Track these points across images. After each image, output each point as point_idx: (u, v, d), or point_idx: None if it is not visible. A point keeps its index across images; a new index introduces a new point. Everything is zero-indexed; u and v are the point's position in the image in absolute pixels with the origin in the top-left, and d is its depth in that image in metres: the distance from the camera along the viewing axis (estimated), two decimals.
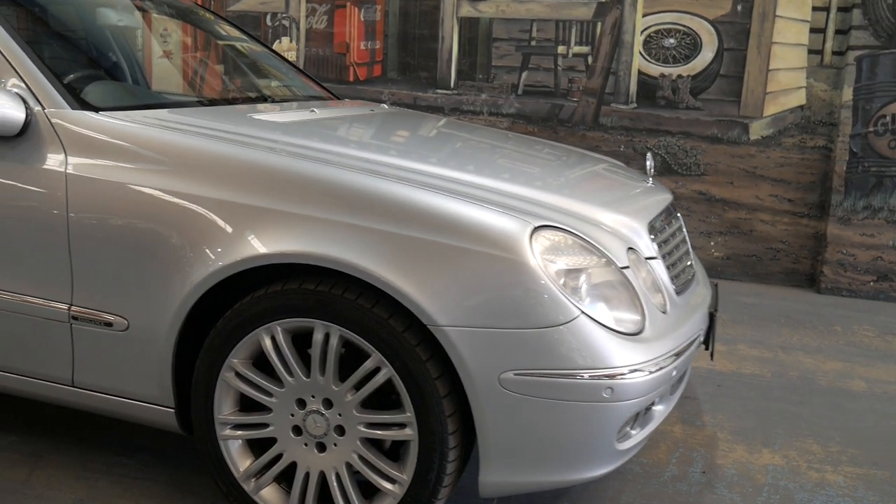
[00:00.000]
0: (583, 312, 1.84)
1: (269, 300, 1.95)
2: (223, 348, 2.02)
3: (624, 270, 2.00)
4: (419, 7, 5.32)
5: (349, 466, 1.99)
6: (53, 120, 2.17)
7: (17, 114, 2.15)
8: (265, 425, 2.04)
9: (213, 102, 2.77)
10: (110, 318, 2.12)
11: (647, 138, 5.00)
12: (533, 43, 5.13)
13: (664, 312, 2.09)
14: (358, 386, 1.94)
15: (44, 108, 2.19)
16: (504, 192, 2.06)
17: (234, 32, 3.45)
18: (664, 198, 2.55)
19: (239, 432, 2.07)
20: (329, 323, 1.91)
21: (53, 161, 2.14)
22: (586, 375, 1.82)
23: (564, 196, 2.18)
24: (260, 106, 2.78)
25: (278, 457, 2.05)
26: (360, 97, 4.81)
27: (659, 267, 2.19)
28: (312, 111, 2.66)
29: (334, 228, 1.89)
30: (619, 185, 2.61)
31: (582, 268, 1.91)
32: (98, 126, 2.16)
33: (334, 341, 1.92)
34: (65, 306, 2.16)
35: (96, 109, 2.23)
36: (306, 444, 2.01)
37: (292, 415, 2.01)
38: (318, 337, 1.93)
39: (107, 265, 2.10)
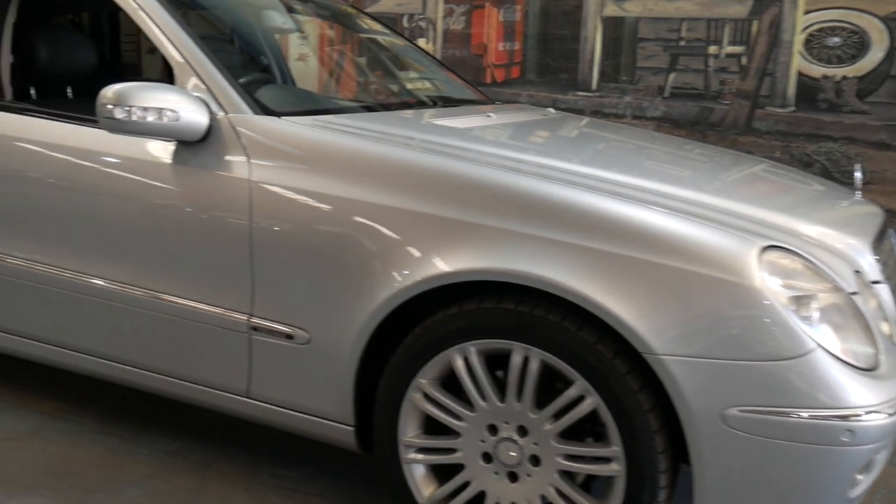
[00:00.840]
0: (818, 345, 1.64)
1: (463, 319, 1.83)
2: (410, 367, 1.91)
3: (853, 296, 1.79)
4: (561, 7, 5.14)
5: (543, 499, 1.85)
6: (236, 125, 2.12)
7: (201, 119, 2.11)
8: (453, 450, 1.92)
9: (382, 107, 2.68)
10: (291, 330, 2.05)
11: (806, 143, 4.68)
12: (682, 43, 4.88)
13: (894, 344, 1.87)
14: (558, 414, 1.79)
15: (226, 113, 2.14)
16: (716, 208, 1.88)
17: (389, 36, 3.38)
18: (877, 212, 2.31)
19: (424, 456, 1.96)
20: (529, 346, 1.77)
21: (237, 167, 2.08)
22: (823, 415, 1.62)
23: (779, 212, 1.97)
24: (433, 111, 2.67)
25: (465, 484, 1.92)
26: (498, 99, 4.68)
27: (885, 292, 1.96)
28: (489, 116, 2.54)
29: (539, 244, 1.75)
30: (828, 199, 2.38)
31: (812, 294, 1.71)
32: (282, 132, 2.09)
33: (534, 365, 1.78)
34: (244, 317, 2.10)
35: (278, 114, 2.17)
36: (496, 473, 1.89)
37: (482, 441, 1.89)
38: (516, 360, 1.80)
39: (289, 276, 2.03)
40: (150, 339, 2.30)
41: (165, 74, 4.37)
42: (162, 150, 2.18)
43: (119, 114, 2.04)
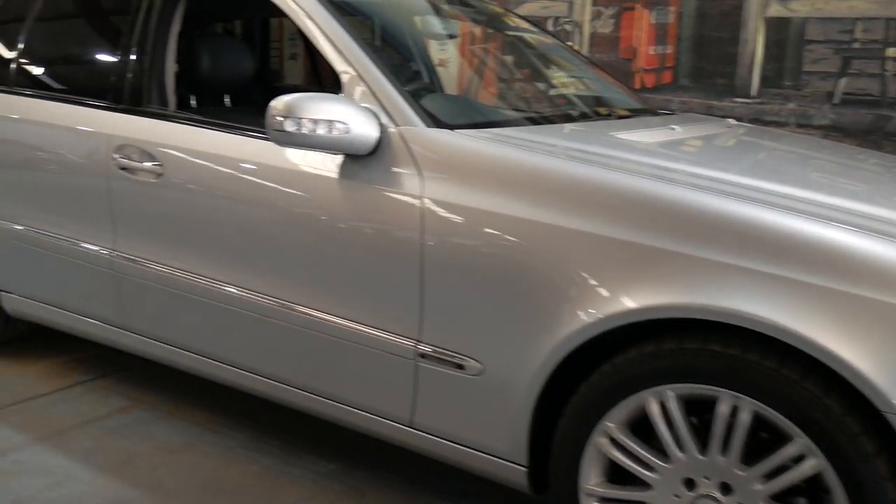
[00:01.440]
0: None
1: (661, 359, 1.64)
2: (596, 408, 1.73)
3: None
4: (719, 8, 4.83)
5: None
6: (408, 139, 2.00)
7: (371, 132, 2.00)
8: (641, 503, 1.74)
9: (551, 118, 2.51)
10: (462, 360, 1.91)
11: None
12: (855, 45, 4.49)
13: None
14: (772, 474, 1.57)
15: (397, 126, 2.03)
16: None
17: (538, 35, 3.20)
18: None
19: None
20: (740, 394, 1.56)
21: (408, 183, 1.96)
22: None
23: None
24: (609, 123, 2.48)
25: None
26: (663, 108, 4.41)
27: None
28: (672, 129, 2.33)
29: (754, 278, 1.54)
30: None
31: None
32: (457, 147, 1.95)
33: (744, 417, 1.57)
34: (411, 343, 1.98)
35: (451, 127, 2.03)
36: None
37: (677, 496, 1.69)
38: (723, 409, 1.59)
39: (462, 302, 1.89)
40: (307, 359, 2.21)
41: (310, 81, 4.35)
42: (328, 164, 2.09)
43: (289, 126, 1.95)
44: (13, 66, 3.00)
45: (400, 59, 2.70)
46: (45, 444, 2.56)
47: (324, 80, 4.23)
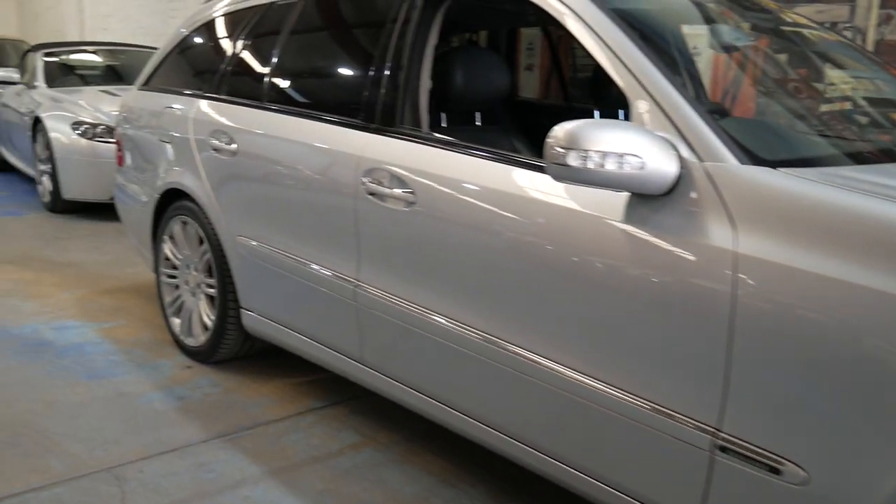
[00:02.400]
0: None
1: None
2: None
3: None
4: None
5: None
6: (716, 177, 1.62)
7: (669, 168, 1.64)
8: None
9: (882, 155, 2.02)
10: (777, 461, 1.50)
11: None
12: None
13: None
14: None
15: (701, 161, 1.65)
16: None
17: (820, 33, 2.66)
18: None
19: None
20: None
21: (716, 234, 1.58)
22: None
23: None
24: None
25: None
26: None
27: None
28: None
29: None
30: None
31: None
32: (784, 192, 1.54)
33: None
34: (708, 430, 1.60)
35: (771, 164, 1.63)
36: None
37: None
38: None
39: (782, 387, 1.48)
40: (567, 428, 1.89)
41: (545, 95, 4.02)
42: (609, 203, 1.76)
43: (573, 160, 1.64)
44: (266, 81, 2.93)
45: (689, 78, 2.31)
46: (277, 479, 2.43)
47: (571, 94, 3.91)
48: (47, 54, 7.44)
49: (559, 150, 1.65)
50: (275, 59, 2.93)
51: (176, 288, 3.45)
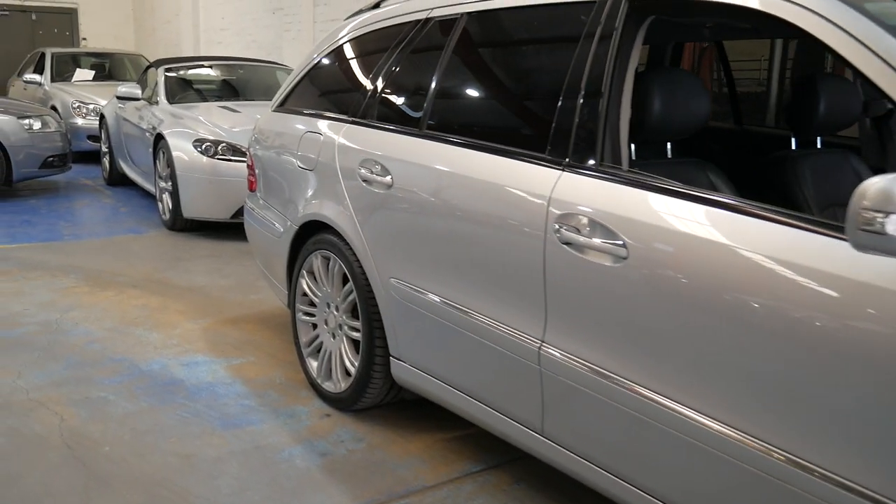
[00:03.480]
0: None
1: None
2: None
3: None
4: None
5: None
6: None
7: None
8: None
9: None
10: None
11: None
12: None
13: None
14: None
15: None
16: None
17: None
18: None
19: None
20: None
21: None
22: None
23: None
24: None
25: None
26: None
27: None
28: None
29: None
30: None
31: None
32: None
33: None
34: None
35: None
36: None
37: None
38: None
39: None
40: None
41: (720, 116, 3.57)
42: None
43: (893, 227, 1.25)
44: (425, 106, 2.63)
45: None
46: None
47: (740, 115, 3.48)
48: (168, 70, 7.42)
49: (874, 215, 1.26)
50: (435, 81, 2.62)
51: (313, 327, 3.19)
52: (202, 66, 7.89)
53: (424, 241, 2.47)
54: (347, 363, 2.95)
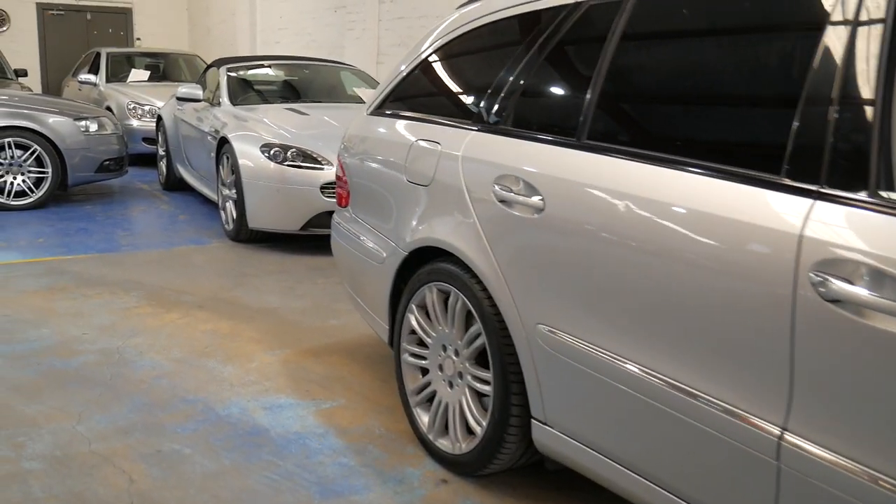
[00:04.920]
0: None
1: None
2: None
3: None
4: None
5: None
6: None
7: None
8: None
9: None
10: None
11: None
12: None
13: None
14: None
15: None
16: None
17: None
18: None
19: None
20: None
21: None
22: None
23: None
24: None
25: None
26: None
27: None
28: None
29: None
30: None
31: None
32: None
33: None
34: None
35: None
36: None
37: None
38: None
39: None
40: None
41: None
42: None
43: None
44: (586, 108, 2.10)
45: None
46: None
47: None
48: (230, 69, 7.00)
49: None
50: (599, 79, 2.09)
51: (422, 372, 2.69)
52: (265, 65, 7.46)
53: (594, 283, 1.94)
54: (470, 419, 2.43)
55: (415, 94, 2.94)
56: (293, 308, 4.25)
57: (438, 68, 2.86)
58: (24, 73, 10.86)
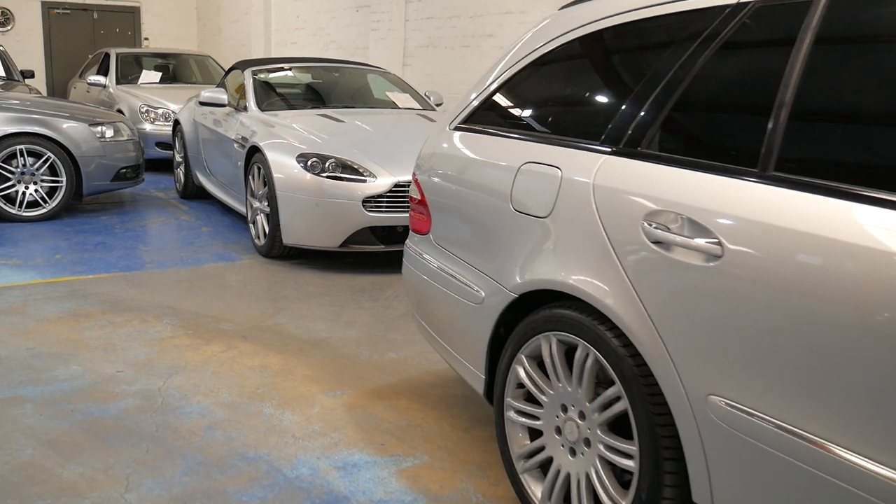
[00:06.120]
0: None
1: None
2: None
3: None
4: None
5: None
6: None
7: None
8: None
9: None
10: None
11: None
12: None
13: None
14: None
15: None
16: None
17: None
18: None
19: None
20: None
21: None
22: None
23: None
24: None
25: None
26: None
27: None
28: None
29: None
30: None
31: None
32: None
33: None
34: None
35: None
36: None
37: None
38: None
39: None
40: None
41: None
42: None
43: None
44: (769, 133, 1.71)
45: None
46: None
47: None
48: (256, 72, 6.60)
49: None
50: (788, 94, 1.70)
51: (531, 433, 2.30)
52: (293, 67, 7.06)
53: (796, 349, 1.55)
54: (602, 495, 2.04)
55: (514, 107, 2.55)
56: (345, 338, 3.86)
57: (546, 77, 2.47)
58: (31, 75, 10.44)
